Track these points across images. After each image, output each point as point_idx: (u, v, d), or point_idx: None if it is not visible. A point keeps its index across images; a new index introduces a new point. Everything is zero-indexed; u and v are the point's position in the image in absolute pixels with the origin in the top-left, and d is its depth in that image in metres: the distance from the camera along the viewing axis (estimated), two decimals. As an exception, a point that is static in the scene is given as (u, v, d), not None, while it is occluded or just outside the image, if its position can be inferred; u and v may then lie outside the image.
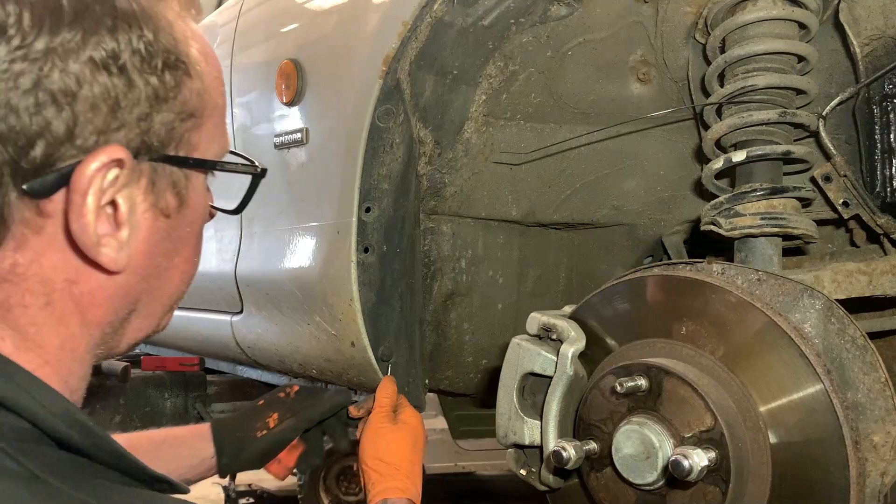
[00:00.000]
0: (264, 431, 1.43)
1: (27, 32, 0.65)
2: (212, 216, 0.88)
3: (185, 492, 0.78)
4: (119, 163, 0.69)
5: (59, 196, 0.69)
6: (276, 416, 1.45)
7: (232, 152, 0.87)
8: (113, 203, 0.71)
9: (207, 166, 0.79)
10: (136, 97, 0.70)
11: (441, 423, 3.94)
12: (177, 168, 0.76)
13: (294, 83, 1.78)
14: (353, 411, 1.49)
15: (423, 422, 1.43)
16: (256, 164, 0.89)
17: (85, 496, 0.64)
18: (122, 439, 1.38)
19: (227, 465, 1.40)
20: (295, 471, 1.44)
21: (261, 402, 1.49)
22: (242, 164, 0.87)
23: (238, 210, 0.91)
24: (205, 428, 1.42)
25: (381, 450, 1.33)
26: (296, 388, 1.52)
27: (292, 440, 1.44)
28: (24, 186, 0.66)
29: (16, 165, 0.66)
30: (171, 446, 1.38)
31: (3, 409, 0.66)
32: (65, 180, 0.68)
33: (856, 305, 1.35)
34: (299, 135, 1.78)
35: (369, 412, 1.44)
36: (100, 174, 0.68)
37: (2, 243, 0.68)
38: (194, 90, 0.75)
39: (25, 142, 0.65)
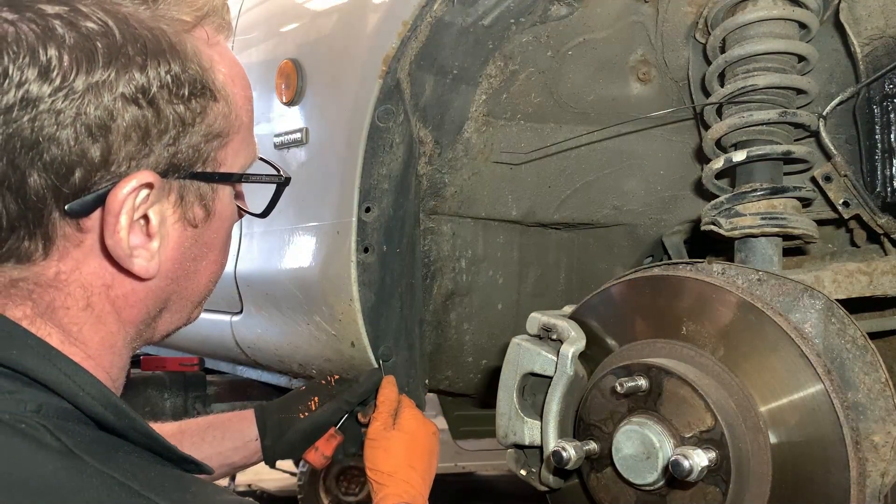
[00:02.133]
0: (306, 413, 1.50)
1: (67, 73, 0.72)
2: (240, 216, 0.96)
3: (210, 472, 0.85)
4: (149, 185, 0.77)
5: (96, 214, 0.77)
6: (316, 399, 1.52)
7: (261, 159, 0.95)
8: (145, 217, 0.79)
9: (233, 179, 0.87)
10: (165, 125, 0.77)
11: (441, 423, 3.94)
12: (204, 183, 0.83)
13: (294, 83, 1.78)
14: (361, 418, 1.53)
15: (423, 422, 1.45)
16: (281, 172, 0.96)
17: (111, 471, 0.70)
18: (173, 426, 1.45)
19: (270, 448, 1.48)
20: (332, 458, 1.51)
21: (303, 388, 1.57)
22: (266, 175, 0.94)
23: (264, 214, 0.99)
24: (249, 412, 1.51)
25: (378, 460, 1.37)
26: (336, 376, 1.61)
27: (333, 422, 1.50)
28: (66, 207, 0.75)
29: (58, 190, 0.74)
30: (217, 429, 1.47)
31: (48, 391, 0.74)
32: (100, 202, 0.76)
33: (856, 305, 1.35)
34: (299, 135, 1.78)
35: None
36: (131, 196, 0.76)
37: (48, 255, 0.77)
38: (220, 113, 0.82)
39: (66, 170, 0.74)
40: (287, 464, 4.95)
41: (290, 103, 1.81)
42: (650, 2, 1.44)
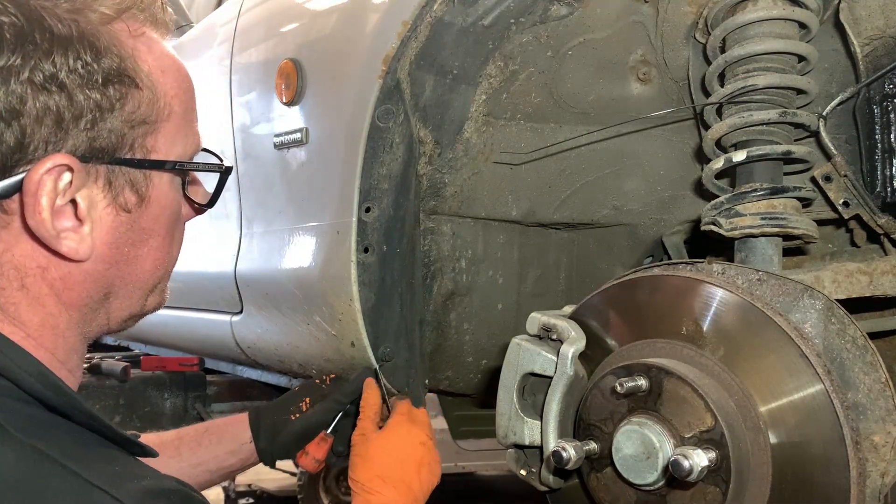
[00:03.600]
0: (298, 415, 1.50)
1: None
2: (197, 212, 0.97)
3: (155, 455, 0.87)
4: (68, 168, 0.79)
5: (18, 197, 0.79)
6: (308, 400, 1.53)
7: (205, 149, 0.95)
8: (73, 201, 0.81)
9: (165, 167, 0.88)
10: (80, 111, 0.79)
11: (441, 423, 3.94)
12: (134, 169, 0.84)
13: (294, 83, 1.78)
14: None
15: (409, 430, 1.41)
16: (221, 161, 0.97)
17: (34, 442, 0.72)
18: (172, 433, 1.47)
19: (265, 450, 1.48)
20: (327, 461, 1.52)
21: (296, 389, 1.58)
22: (203, 164, 0.94)
23: (210, 205, 0.98)
24: (244, 415, 1.52)
25: (354, 468, 1.35)
26: (332, 375, 1.61)
27: (326, 422, 1.50)
28: None
29: None
30: (213, 433, 1.49)
31: None
32: (20, 185, 0.78)
33: (856, 305, 1.35)
34: (299, 135, 1.78)
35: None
36: (49, 178, 0.78)
37: None
38: (143, 101, 0.84)
39: None
40: (287, 464, 4.93)
41: (290, 103, 1.81)
42: (650, 2, 1.44)
